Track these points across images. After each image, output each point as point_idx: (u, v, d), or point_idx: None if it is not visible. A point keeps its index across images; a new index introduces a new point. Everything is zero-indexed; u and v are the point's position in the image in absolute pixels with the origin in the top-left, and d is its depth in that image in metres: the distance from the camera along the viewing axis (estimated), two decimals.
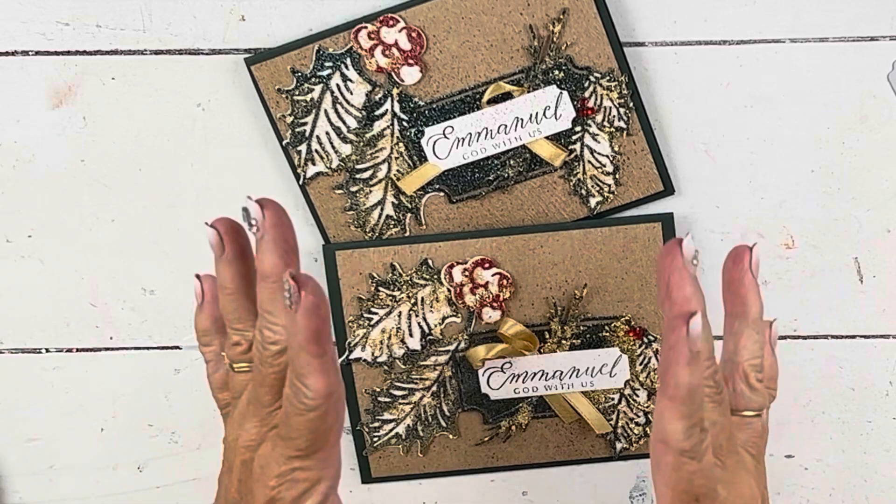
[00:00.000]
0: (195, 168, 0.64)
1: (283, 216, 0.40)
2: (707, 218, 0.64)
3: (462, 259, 0.63)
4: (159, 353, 0.66)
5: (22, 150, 0.63)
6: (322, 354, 0.38)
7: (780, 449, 0.66)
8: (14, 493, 0.67)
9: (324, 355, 0.38)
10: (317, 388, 0.38)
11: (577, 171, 0.63)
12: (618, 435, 0.65)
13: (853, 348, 0.65)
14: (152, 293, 0.65)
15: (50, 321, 0.65)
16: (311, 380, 0.38)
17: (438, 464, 0.66)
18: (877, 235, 0.64)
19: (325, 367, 0.38)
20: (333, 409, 0.39)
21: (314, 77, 0.62)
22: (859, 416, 0.66)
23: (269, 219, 0.40)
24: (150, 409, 0.66)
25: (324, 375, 0.38)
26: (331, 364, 0.38)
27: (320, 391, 0.38)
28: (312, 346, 0.38)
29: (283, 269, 0.39)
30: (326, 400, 0.39)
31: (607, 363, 0.64)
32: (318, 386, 0.38)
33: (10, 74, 0.63)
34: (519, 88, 0.62)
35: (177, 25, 0.62)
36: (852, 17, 0.61)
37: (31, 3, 0.62)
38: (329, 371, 0.38)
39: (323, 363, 0.38)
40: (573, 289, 0.63)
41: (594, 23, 0.61)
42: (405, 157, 0.63)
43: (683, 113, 0.63)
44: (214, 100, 0.63)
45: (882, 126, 0.62)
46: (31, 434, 0.67)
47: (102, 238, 0.64)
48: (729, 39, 0.62)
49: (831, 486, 0.67)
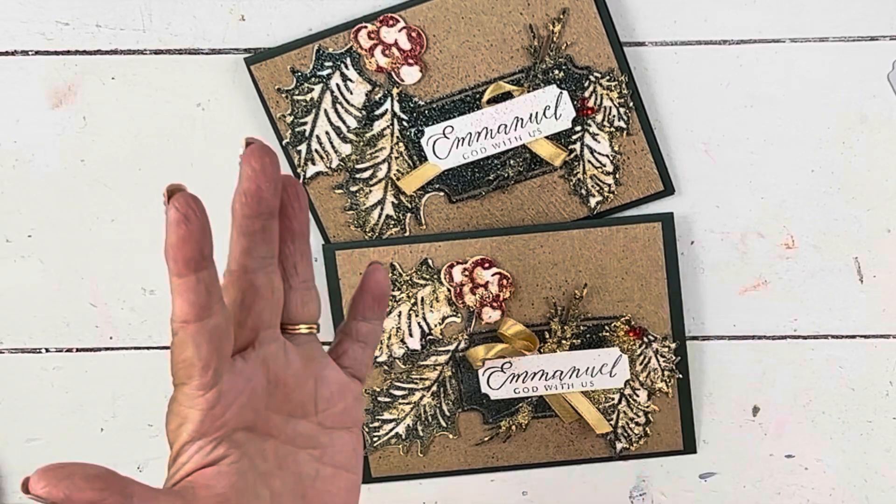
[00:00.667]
0: (195, 168, 0.64)
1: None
2: (707, 218, 0.64)
3: (462, 259, 0.63)
4: (159, 353, 0.66)
5: (22, 150, 0.63)
6: (182, 275, 0.34)
7: (780, 449, 0.66)
8: (14, 493, 0.67)
9: (184, 276, 0.34)
10: (174, 311, 0.35)
11: (577, 171, 0.63)
12: (618, 435, 0.65)
13: (853, 348, 0.65)
14: (152, 293, 0.65)
15: (50, 321, 0.65)
16: (173, 300, 0.35)
17: (438, 464, 0.66)
18: (877, 235, 0.64)
19: (185, 290, 0.34)
20: (193, 342, 0.35)
21: (314, 77, 0.62)
22: (859, 416, 0.66)
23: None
24: (150, 409, 0.66)
25: (182, 299, 0.34)
26: (197, 289, 0.34)
27: (175, 314, 0.35)
28: (172, 263, 0.34)
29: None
30: (182, 327, 0.35)
31: (607, 363, 0.64)
32: (175, 309, 0.35)
33: (9, 74, 0.63)
34: (519, 88, 0.62)
35: (177, 25, 0.62)
36: (852, 17, 0.61)
37: (31, 3, 0.62)
38: (191, 296, 0.34)
39: (184, 284, 0.34)
40: (573, 289, 0.63)
41: (594, 23, 0.61)
42: (405, 157, 0.63)
43: (683, 113, 0.63)
44: (214, 100, 0.63)
45: (882, 126, 0.62)
46: (31, 434, 0.67)
47: (102, 238, 0.64)
48: (729, 39, 0.62)
49: (831, 486, 0.67)
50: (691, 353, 0.65)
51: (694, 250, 0.64)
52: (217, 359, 0.36)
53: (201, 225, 0.34)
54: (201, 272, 0.35)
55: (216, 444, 0.37)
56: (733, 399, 0.66)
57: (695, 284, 0.64)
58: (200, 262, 0.34)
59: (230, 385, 0.37)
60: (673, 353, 0.64)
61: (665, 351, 0.64)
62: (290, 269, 0.40)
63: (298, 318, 0.40)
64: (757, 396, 0.66)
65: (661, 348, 0.64)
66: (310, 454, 0.40)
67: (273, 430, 0.39)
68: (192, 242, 0.34)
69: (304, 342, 0.40)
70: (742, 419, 0.66)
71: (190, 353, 0.35)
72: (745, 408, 0.66)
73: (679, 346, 0.64)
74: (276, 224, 0.38)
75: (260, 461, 0.38)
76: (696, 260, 0.64)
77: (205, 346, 0.35)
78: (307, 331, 0.40)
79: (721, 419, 0.66)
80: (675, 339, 0.64)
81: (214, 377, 0.36)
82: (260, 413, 0.38)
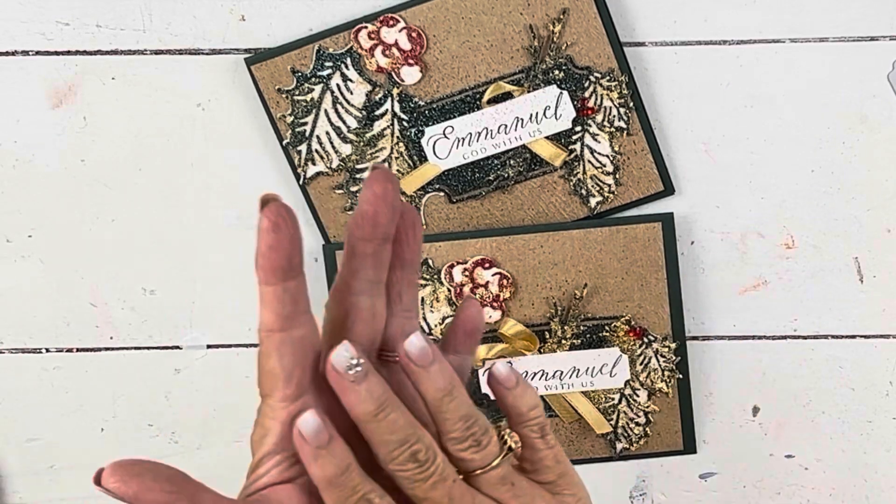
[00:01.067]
0: (195, 168, 0.64)
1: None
2: (707, 218, 0.64)
3: (462, 259, 0.63)
4: (159, 353, 0.66)
5: (22, 150, 0.63)
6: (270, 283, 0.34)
7: (780, 449, 0.66)
8: (14, 493, 0.67)
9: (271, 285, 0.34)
10: (260, 320, 0.35)
11: (578, 171, 0.63)
12: (618, 435, 0.65)
13: (853, 348, 0.65)
14: (152, 293, 0.65)
15: (50, 321, 0.65)
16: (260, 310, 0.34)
17: None
18: (877, 235, 0.64)
19: (271, 299, 0.34)
20: (276, 353, 0.35)
21: (314, 77, 0.62)
22: (859, 416, 0.66)
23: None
24: (150, 409, 0.66)
25: (268, 308, 0.34)
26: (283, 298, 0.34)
27: (261, 323, 0.35)
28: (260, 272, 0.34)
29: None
30: (267, 337, 0.35)
31: (607, 363, 0.64)
32: (261, 318, 0.35)
33: (10, 74, 0.63)
34: (519, 88, 0.62)
35: (177, 25, 0.62)
36: (852, 17, 0.61)
37: (31, 3, 0.62)
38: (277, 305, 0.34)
39: (271, 293, 0.34)
40: (573, 289, 0.63)
41: (594, 23, 0.61)
42: (405, 157, 0.63)
43: (683, 113, 0.63)
44: (214, 100, 0.63)
45: (882, 126, 0.62)
46: (31, 434, 0.67)
47: (102, 238, 0.64)
48: (729, 39, 0.62)
49: (831, 486, 0.67)
50: (691, 353, 0.65)
51: (694, 250, 0.64)
52: (301, 371, 0.36)
53: (291, 235, 0.34)
54: (288, 282, 0.34)
55: (296, 460, 0.36)
56: (733, 399, 0.66)
57: (695, 284, 0.64)
58: (288, 272, 0.34)
59: (315, 401, 0.36)
60: (673, 353, 0.64)
61: (665, 351, 0.64)
62: (394, 296, 0.39)
63: (396, 345, 0.40)
64: (757, 396, 0.66)
65: (661, 348, 0.64)
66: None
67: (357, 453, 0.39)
68: (280, 251, 0.34)
69: (398, 370, 0.40)
70: (742, 419, 0.66)
71: (273, 364, 0.35)
72: (745, 408, 0.66)
73: (679, 346, 0.64)
74: (388, 250, 0.37)
75: None
76: (696, 260, 0.64)
77: (288, 357, 0.35)
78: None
79: (721, 419, 0.66)
80: (676, 339, 0.64)
81: (298, 389, 0.36)
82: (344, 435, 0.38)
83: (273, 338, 0.35)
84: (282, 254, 0.34)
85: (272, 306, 0.35)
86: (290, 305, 0.35)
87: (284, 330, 0.35)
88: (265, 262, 0.34)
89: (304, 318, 0.35)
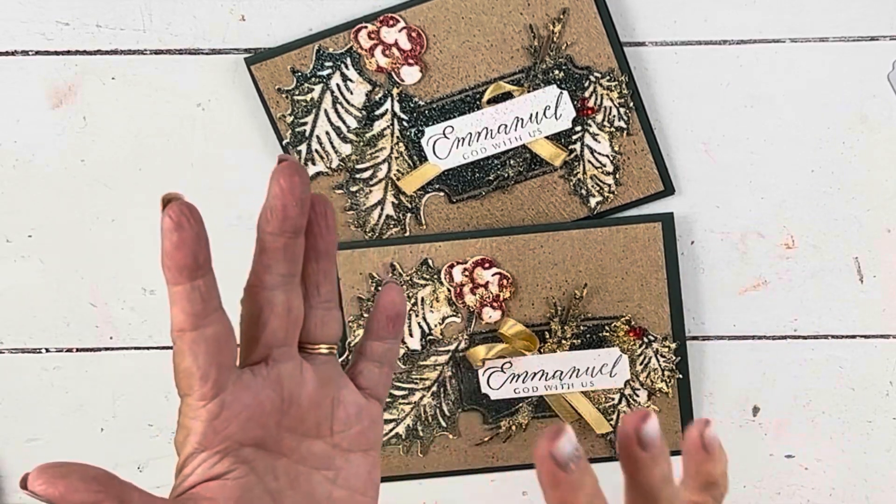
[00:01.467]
0: (195, 168, 0.64)
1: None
2: (707, 218, 0.64)
3: (462, 259, 0.63)
4: (159, 353, 0.66)
5: (22, 150, 0.63)
6: (177, 283, 0.34)
7: (780, 449, 0.66)
8: (14, 492, 0.67)
9: (179, 284, 0.34)
10: (171, 321, 0.35)
11: (577, 171, 0.63)
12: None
13: (853, 348, 0.65)
14: (152, 293, 0.65)
15: (50, 321, 0.65)
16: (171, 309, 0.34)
17: (438, 464, 0.66)
18: (877, 235, 0.64)
19: (180, 298, 0.34)
20: (190, 351, 0.35)
21: (314, 77, 0.62)
22: (859, 416, 0.66)
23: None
24: (150, 409, 0.66)
25: (178, 308, 0.34)
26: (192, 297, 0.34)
27: (172, 323, 0.35)
28: (166, 272, 0.34)
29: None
30: (179, 336, 0.35)
31: (607, 363, 0.64)
32: (172, 318, 0.35)
33: (10, 74, 0.63)
34: (519, 88, 0.62)
35: (177, 25, 0.62)
36: (852, 17, 0.61)
37: (31, 3, 0.62)
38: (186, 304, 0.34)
39: (179, 293, 0.34)
40: (573, 289, 0.63)
41: (594, 22, 0.61)
42: (405, 157, 0.63)
43: (683, 113, 0.63)
44: (214, 100, 0.63)
45: (882, 126, 0.62)
46: (31, 434, 0.67)
47: (102, 238, 0.64)
48: (729, 39, 0.62)
49: (831, 486, 0.67)
50: (691, 353, 0.65)
51: (694, 250, 0.64)
52: (216, 369, 0.35)
53: (195, 233, 0.34)
54: (196, 280, 0.34)
55: (221, 457, 0.36)
56: (733, 399, 0.66)
57: (695, 284, 0.64)
58: (195, 271, 0.34)
59: (234, 397, 0.36)
60: (673, 353, 0.64)
61: (665, 351, 0.64)
62: (311, 288, 0.39)
63: (317, 337, 0.40)
64: (757, 396, 0.66)
65: (661, 348, 0.64)
66: (324, 476, 0.40)
67: (285, 449, 0.39)
68: (185, 250, 0.34)
69: (323, 363, 0.40)
70: (742, 419, 0.66)
71: (188, 363, 0.35)
72: (745, 408, 0.66)
73: (679, 346, 0.64)
74: (300, 243, 0.37)
75: (270, 479, 0.38)
76: (696, 260, 0.64)
77: (202, 355, 0.35)
78: (326, 351, 0.40)
79: (721, 419, 0.66)
80: (675, 339, 0.64)
81: (214, 388, 0.36)
82: (271, 431, 0.38)
83: (185, 337, 0.35)
84: (187, 252, 0.34)
85: (182, 305, 0.34)
86: (199, 304, 0.34)
87: (196, 328, 0.35)
88: (171, 262, 0.34)
89: (215, 315, 0.35)
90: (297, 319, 0.38)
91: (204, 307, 0.35)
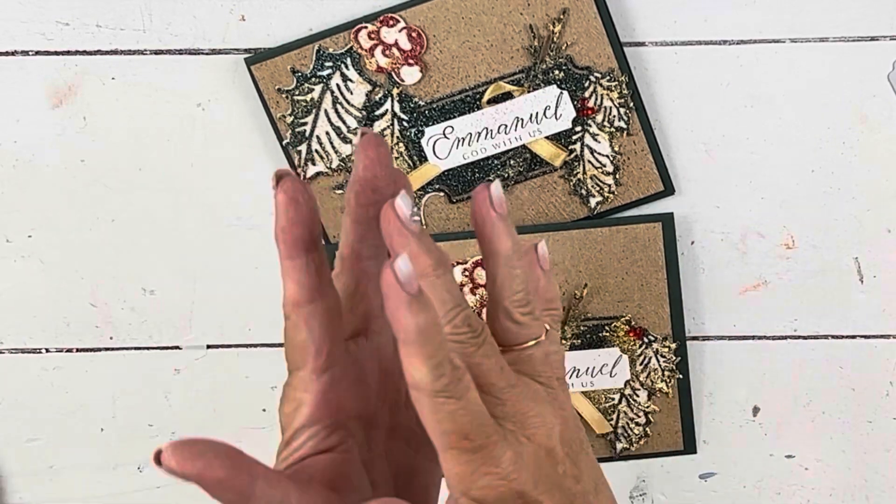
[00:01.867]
0: (195, 168, 0.64)
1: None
2: (707, 218, 0.64)
3: (462, 259, 0.63)
4: (159, 353, 0.66)
5: (22, 150, 0.63)
6: (293, 257, 0.34)
7: (780, 449, 0.66)
8: (14, 492, 0.67)
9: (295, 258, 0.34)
10: (284, 294, 0.35)
11: (578, 171, 0.63)
12: (618, 435, 0.65)
13: (853, 348, 0.65)
14: (152, 293, 0.65)
15: (50, 321, 0.65)
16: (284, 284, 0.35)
17: None
18: (877, 235, 0.64)
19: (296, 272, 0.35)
20: (306, 325, 0.35)
21: (314, 77, 0.62)
22: (859, 416, 0.66)
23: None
24: (150, 409, 0.66)
25: (293, 281, 0.35)
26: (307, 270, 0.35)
27: (287, 298, 0.35)
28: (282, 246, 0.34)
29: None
30: (294, 311, 0.35)
31: (607, 363, 0.64)
32: (285, 291, 0.35)
33: (10, 74, 0.63)
34: (519, 88, 0.62)
35: (177, 25, 0.62)
36: (852, 17, 0.61)
37: (31, 3, 0.62)
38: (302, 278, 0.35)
39: (295, 266, 0.34)
40: (573, 289, 0.63)
41: (594, 23, 0.61)
42: (405, 157, 0.63)
43: (683, 113, 0.63)
44: (214, 100, 0.63)
45: (882, 126, 0.62)
46: (31, 434, 0.67)
47: (102, 238, 0.64)
48: (729, 39, 0.62)
49: (831, 486, 0.67)
50: (691, 353, 0.65)
51: (694, 250, 0.64)
52: (330, 342, 0.36)
53: (310, 208, 0.34)
54: (311, 254, 0.35)
55: (331, 430, 0.36)
56: (733, 399, 0.66)
57: (695, 284, 0.64)
58: (310, 244, 0.34)
59: (343, 371, 0.37)
60: (673, 353, 0.64)
61: (665, 351, 0.64)
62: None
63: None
64: (757, 396, 0.66)
65: (661, 348, 0.64)
66: (410, 446, 0.40)
67: (379, 420, 0.39)
68: (301, 224, 0.34)
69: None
70: (742, 419, 0.66)
71: (304, 337, 0.35)
72: (745, 408, 0.66)
73: (679, 347, 0.64)
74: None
75: (364, 451, 0.38)
76: (696, 260, 0.64)
77: (317, 329, 0.35)
78: None
79: (721, 419, 0.66)
80: (675, 340, 0.64)
81: (329, 360, 0.36)
82: (371, 403, 0.38)
83: (301, 311, 0.35)
84: (303, 227, 0.34)
85: (297, 279, 0.35)
86: (315, 277, 0.35)
87: (312, 301, 0.35)
88: (287, 236, 0.34)
89: (328, 290, 0.35)
90: None
91: (319, 281, 0.35)
